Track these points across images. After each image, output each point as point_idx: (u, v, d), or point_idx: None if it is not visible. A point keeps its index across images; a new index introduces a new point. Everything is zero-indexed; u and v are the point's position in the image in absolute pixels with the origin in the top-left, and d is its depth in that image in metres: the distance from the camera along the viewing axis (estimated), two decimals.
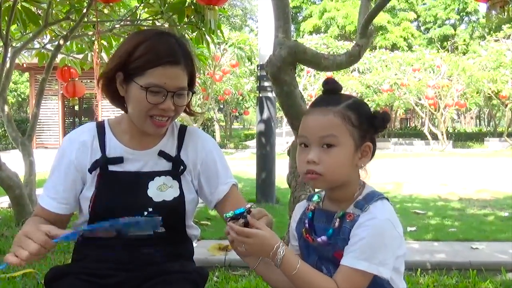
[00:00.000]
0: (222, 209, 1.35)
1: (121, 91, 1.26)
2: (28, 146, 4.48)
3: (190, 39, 3.91)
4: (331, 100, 1.13)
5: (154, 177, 1.29)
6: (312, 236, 1.16)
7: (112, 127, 1.34)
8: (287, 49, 2.09)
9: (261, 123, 5.75)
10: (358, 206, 1.11)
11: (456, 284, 2.92)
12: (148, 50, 1.21)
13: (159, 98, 1.22)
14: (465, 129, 24.39)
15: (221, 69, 12.69)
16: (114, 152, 1.29)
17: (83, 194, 1.29)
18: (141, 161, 1.30)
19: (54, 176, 1.30)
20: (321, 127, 1.10)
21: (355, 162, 1.12)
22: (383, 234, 1.07)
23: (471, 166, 10.21)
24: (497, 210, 5.30)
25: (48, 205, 1.28)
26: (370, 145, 1.13)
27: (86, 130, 1.33)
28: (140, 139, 1.31)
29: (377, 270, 1.06)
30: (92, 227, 1.19)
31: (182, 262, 1.32)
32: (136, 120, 1.27)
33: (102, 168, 1.27)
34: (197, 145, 1.37)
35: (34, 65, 9.70)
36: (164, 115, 1.25)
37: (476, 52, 15.38)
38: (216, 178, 1.37)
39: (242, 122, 38.33)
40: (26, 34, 4.27)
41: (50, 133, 15.75)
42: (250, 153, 13.32)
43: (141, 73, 1.21)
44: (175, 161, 1.32)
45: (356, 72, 16.04)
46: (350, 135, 1.09)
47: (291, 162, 2.40)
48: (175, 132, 1.37)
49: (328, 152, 1.09)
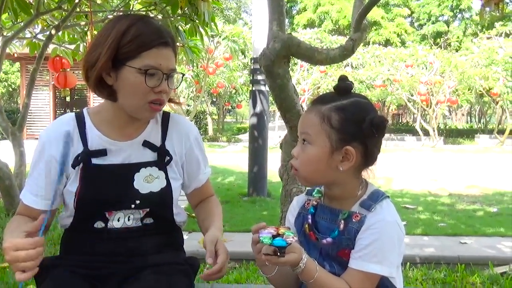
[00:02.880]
0: (192, 196, 1.44)
1: (109, 80, 1.21)
2: (19, 136, 4.44)
3: (183, 31, 3.89)
4: (328, 98, 1.11)
5: (140, 169, 1.27)
6: (316, 235, 1.14)
7: (92, 117, 1.29)
8: (281, 42, 2.09)
9: (253, 116, 5.75)
10: (365, 206, 1.10)
11: (444, 278, 2.96)
12: (139, 33, 1.18)
13: (156, 81, 1.20)
14: (456, 125, 24.53)
15: (215, 62, 12.62)
16: (96, 144, 1.25)
17: (67, 188, 1.24)
18: (125, 153, 1.27)
19: (35, 172, 1.25)
20: (301, 124, 1.12)
21: (335, 164, 1.08)
22: (392, 237, 1.07)
23: (462, 162, 10.30)
24: (486, 206, 5.36)
25: (31, 202, 1.24)
26: (351, 150, 1.06)
27: (65, 122, 1.27)
28: (123, 129, 1.28)
29: (389, 271, 1.07)
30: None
31: (173, 253, 1.32)
32: (130, 107, 1.23)
33: (84, 162, 1.23)
34: (182, 135, 1.36)
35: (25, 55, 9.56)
36: (161, 99, 1.23)
37: (469, 49, 15.45)
38: (197, 168, 1.39)
39: (234, 116, 38.24)
40: (17, 24, 4.21)
41: (41, 124, 15.59)
42: (242, 147, 13.32)
43: (135, 56, 1.17)
44: (161, 151, 1.30)
45: (349, 67, 16.04)
46: (327, 136, 1.07)
47: (283, 155, 2.40)
48: (158, 120, 1.35)
49: (304, 148, 1.10)
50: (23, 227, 1.13)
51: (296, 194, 2.17)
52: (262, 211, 4.97)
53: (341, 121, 1.07)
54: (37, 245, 1.05)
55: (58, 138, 1.23)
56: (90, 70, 1.21)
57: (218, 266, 1.13)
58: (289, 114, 2.25)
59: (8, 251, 1.04)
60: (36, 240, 1.06)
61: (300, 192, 2.16)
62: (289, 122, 2.28)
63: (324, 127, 1.07)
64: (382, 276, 1.08)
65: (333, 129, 1.07)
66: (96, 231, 1.24)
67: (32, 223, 1.14)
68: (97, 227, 1.24)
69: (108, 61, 1.18)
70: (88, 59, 1.22)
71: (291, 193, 2.27)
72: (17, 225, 1.19)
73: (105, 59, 1.18)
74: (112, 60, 1.19)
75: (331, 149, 1.07)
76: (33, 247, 1.04)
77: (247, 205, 5.24)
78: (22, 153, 4.43)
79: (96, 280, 1.21)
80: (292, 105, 2.23)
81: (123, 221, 1.25)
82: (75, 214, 1.25)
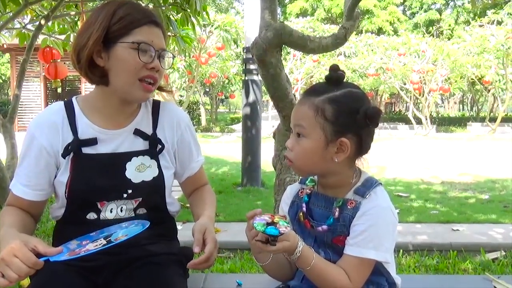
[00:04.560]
0: (186, 185, 1.43)
1: (100, 62, 1.20)
2: (10, 128, 4.40)
3: (175, 21, 3.85)
4: (321, 89, 1.10)
5: (131, 158, 1.26)
6: (311, 222, 1.15)
7: (81, 105, 1.27)
8: (273, 30, 2.07)
9: (246, 106, 5.74)
10: (359, 193, 1.11)
11: (436, 264, 2.99)
12: (128, 12, 1.20)
13: (148, 58, 1.20)
14: (449, 113, 24.68)
15: (207, 52, 12.55)
16: (86, 133, 1.23)
17: (58, 179, 1.23)
18: (116, 141, 1.25)
19: (25, 162, 1.23)
20: (295, 116, 1.12)
21: (330, 155, 1.08)
22: (387, 223, 1.09)
23: (454, 150, 10.38)
24: (477, 193, 5.42)
25: (22, 193, 1.22)
26: (345, 141, 1.07)
27: (54, 111, 1.25)
28: (113, 117, 1.26)
29: (384, 257, 1.08)
30: (80, 240, 1.15)
31: (167, 243, 1.31)
32: (123, 86, 1.21)
33: (75, 151, 1.21)
34: (173, 123, 1.35)
35: (15, 45, 9.47)
36: (153, 76, 1.22)
37: (461, 37, 15.44)
38: (189, 156, 1.39)
39: (227, 106, 38.14)
40: (6, 14, 4.14)
41: (32, 115, 15.46)
42: (236, 137, 13.31)
43: (127, 33, 1.18)
44: (152, 140, 1.29)
45: (342, 56, 16.02)
46: (321, 128, 1.07)
47: (276, 145, 2.40)
48: (149, 108, 1.34)
49: (298, 141, 1.10)
50: (25, 239, 1.08)
51: (289, 183, 2.17)
52: (256, 200, 4.99)
53: (335, 113, 1.06)
54: (34, 267, 1.02)
55: (46, 128, 1.22)
56: (81, 52, 1.20)
57: (205, 255, 1.12)
58: (282, 103, 2.24)
59: (6, 253, 1.01)
60: (38, 263, 1.02)
61: (294, 181, 2.17)
62: (282, 111, 2.27)
63: (318, 120, 1.07)
64: (376, 262, 1.09)
65: (328, 122, 1.07)
66: (89, 223, 1.23)
67: (50, 247, 1.07)
68: (89, 218, 1.23)
69: (99, 41, 1.18)
70: (78, 41, 1.21)
71: (284, 182, 2.27)
72: (13, 220, 1.18)
73: (95, 38, 1.18)
74: (103, 41, 1.18)
75: (325, 141, 1.07)
76: (31, 266, 1.01)
77: (241, 195, 5.25)
78: (13, 145, 4.39)
79: (90, 272, 1.20)
80: (285, 95, 2.22)
81: (116, 212, 1.24)
82: (67, 205, 1.24)
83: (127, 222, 1.20)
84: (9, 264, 1.00)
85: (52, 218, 1.31)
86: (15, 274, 1.00)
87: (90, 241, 1.13)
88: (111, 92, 1.24)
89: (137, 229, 1.10)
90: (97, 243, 1.10)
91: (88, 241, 1.13)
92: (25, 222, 1.22)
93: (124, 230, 1.14)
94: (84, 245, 1.11)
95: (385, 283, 1.16)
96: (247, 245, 1.08)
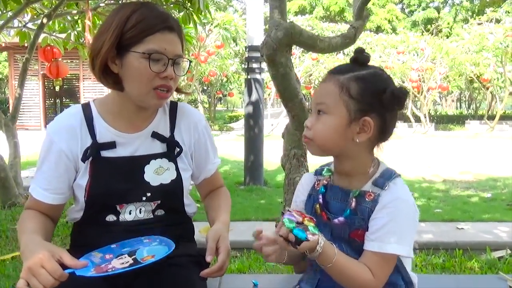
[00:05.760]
0: (201, 187, 1.44)
1: (114, 68, 1.19)
2: (12, 127, 4.39)
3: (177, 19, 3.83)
4: (347, 68, 1.09)
5: (150, 161, 1.25)
6: (328, 215, 1.11)
7: (99, 108, 1.26)
8: (283, 30, 2.06)
9: (249, 105, 5.72)
10: (378, 184, 1.07)
11: (443, 263, 2.99)
12: (143, 18, 1.17)
13: (161, 67, 1.18)
14: (447, 111, 24.70)
15: (206, 50, 12.52)
16: (105, 137, 1.23)
17: (77, 182, 1.23)
18: (134, 145, 1.25)
19: (44, 166, 1.22)
20: (318, 94, 1.09)
21: (351, 135, 1.05)
22: (409, 215, 1.06)
23: (453, 148, 10.40)
24: (480, 191, 5.42)
25: (43, 197, 1.22)
26: (369, 120, 1.04)
27: (72, 114, 1.25)
28: (131, 120, 1.26)
29: (407, 251, 1.05)
30: (103, 253, 1.14)
31: (185, 244, 1.31)
32: (137, 94, 1.20)
33: (94, 155, 1.21)
34: (190, 125, 1.34)
35: (12, 44, 9.40)
36: (167, 85, 1.20)
37: (459, 35, 15.47)
38: (206, 158, 1.38)
39: (225, 104, 38.08)
40: (6, 13, 4.12)
41: (31, 114, 15.42)
42: (235, 135, 13.29)
43: (139, 41, 1.16)
44: (170, 142, 1.29)
45: (341, 54, 16.01)
46: (345, 105, 1.04)
47: (285, 144, 2.39)
48: (166, 110, 1.33)
49: (319, 118, 1.07)
50: (52, 249, 1.06)
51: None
52: (260, 199, 4.98)
53: (361, 91, 1.04)
54: (60, 279, 1.01)
55: (65, 132, 1.22)
56: (96, 58, 1.19)
57: (217, 265, 1.13)
58: (291, 103, 2.24)
59: (37, 260, 1.00)
60: (64, 275, 1.01)
61: None
62: (291, 111, 2.27)
63: (342, 97, 1.04)
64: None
65: (352, 99, 1.04)
66: (108, 224, 1.23)
67: (75, 260, 1.06)
68: (108, 220, 1.23)
69: (112, 48, 1.16)
70: (93, 47, 1.20)
71: (294, 181, 2.27)
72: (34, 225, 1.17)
73: (108, 46, 1.16)
74: (117, 47, 1.17)
75: (349, 119, 1.05)
76: (57, 278, 1.00)
77: (244, 194, 5.24)
78: (16, 144, 4.38)
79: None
80: (295, 94, 2.22)
81: (135, 214, 1.24)
82: (86, 208, 1.24)
83: (148, 238, 1.19)
84: (36, 275, 0.99)
85: (69, 220, 1.31)
86: (41, 286, 0.99)
87: (114, 256, 1.12)
88: (126, 98, 1.23)
89: (163, 250, 1.10)
90: (123, 260, 1.10)
91: (111, 255, 1.13)
92: (46, 226, 1.22)
93: (148, 248, 1.15)
94: (109, 260, 1.11)
95: (402, 282, 1.12)
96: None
